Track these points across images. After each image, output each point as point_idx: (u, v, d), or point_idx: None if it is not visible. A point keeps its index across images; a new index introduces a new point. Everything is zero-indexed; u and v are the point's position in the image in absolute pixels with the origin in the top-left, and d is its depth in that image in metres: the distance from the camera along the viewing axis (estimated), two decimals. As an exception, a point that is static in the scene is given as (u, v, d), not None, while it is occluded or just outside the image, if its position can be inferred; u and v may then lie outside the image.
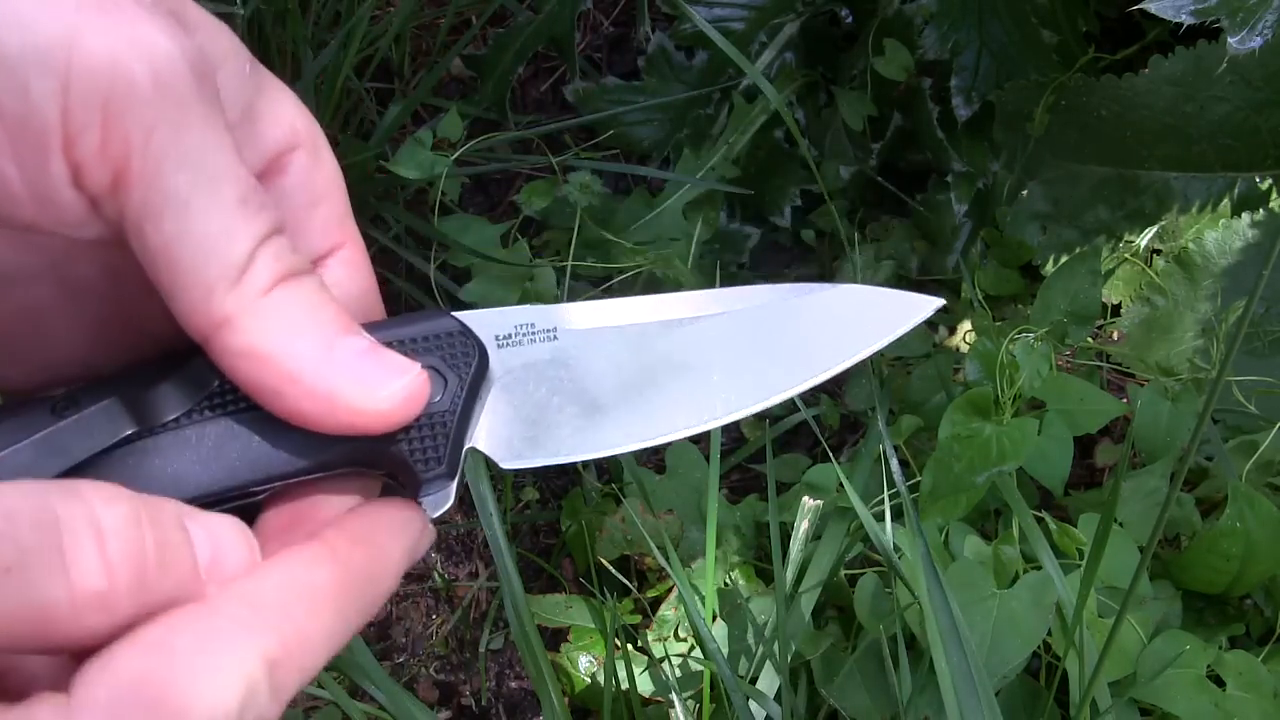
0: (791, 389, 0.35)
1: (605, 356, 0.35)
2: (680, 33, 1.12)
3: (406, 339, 0.32)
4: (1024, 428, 0.83)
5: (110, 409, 0.30)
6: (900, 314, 0.36)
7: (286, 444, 0.30)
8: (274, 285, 0.29)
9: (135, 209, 0.27)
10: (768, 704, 0.77)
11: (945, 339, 1.07)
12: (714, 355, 0.35)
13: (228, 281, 0.28)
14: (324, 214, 0.34)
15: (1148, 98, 0.96)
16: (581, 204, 1.05)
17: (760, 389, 0.35)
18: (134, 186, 0.27)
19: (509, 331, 0.34)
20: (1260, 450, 0.85)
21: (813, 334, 0.36)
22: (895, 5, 1.08)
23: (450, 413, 0.32)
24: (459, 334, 0.33)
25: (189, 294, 0.28)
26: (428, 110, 1.15)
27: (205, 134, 0.28)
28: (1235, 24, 0.74)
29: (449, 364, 0.33)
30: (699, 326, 0.35)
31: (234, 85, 0.30)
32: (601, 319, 0.35)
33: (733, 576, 0.88)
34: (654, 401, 0.34)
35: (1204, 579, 0.83)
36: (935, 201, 1.09)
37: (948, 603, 0.69)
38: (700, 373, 0.35)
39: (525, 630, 0.77)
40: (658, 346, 0.35)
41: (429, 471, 0.32)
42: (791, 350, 0.35)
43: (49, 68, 0.26)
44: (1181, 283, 0.99)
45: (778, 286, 0.36)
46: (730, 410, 0.35)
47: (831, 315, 0.36)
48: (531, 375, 0.34)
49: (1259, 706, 0.77)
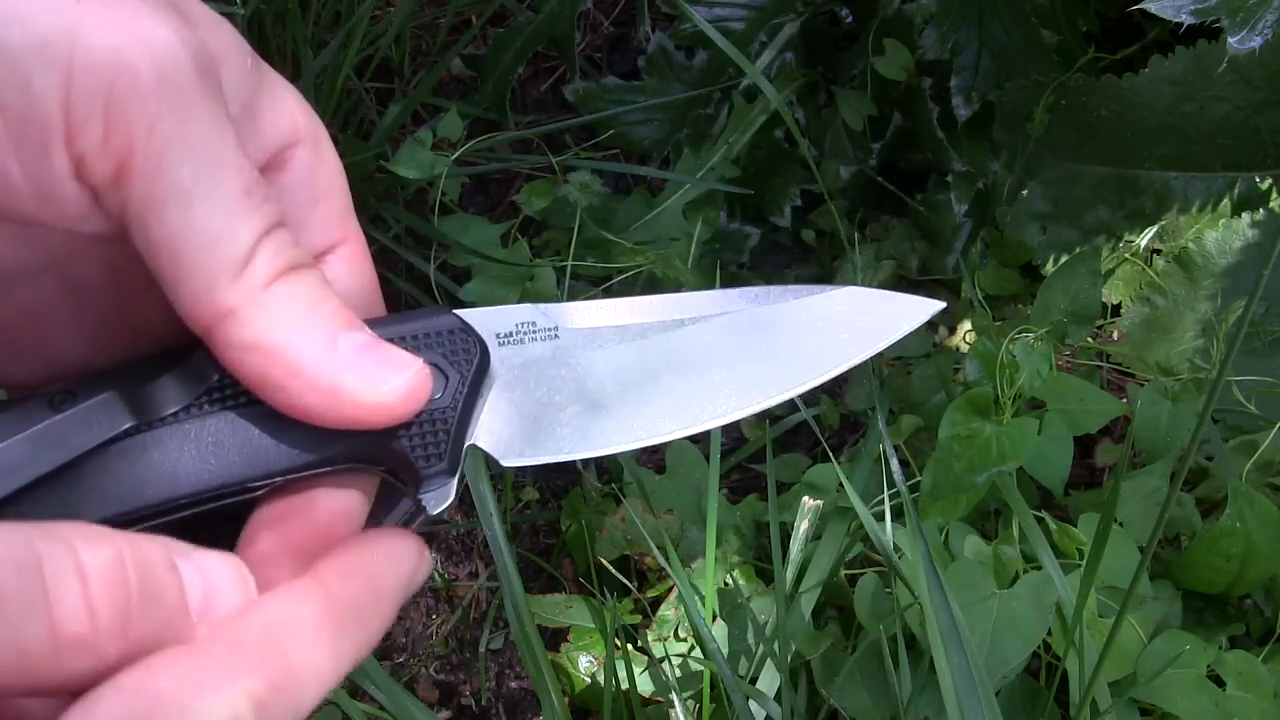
0: (792, 390, 0.35)
1: (606, 355, 0.35)
2: (680, 33, 1.12)
3: (408, 335, 0.32)
4: (1024, 428, 0.83)
5: (108, 403, 0.29)
6: (901, 316, 0.36)
7: (287, 439, 0.30)
8: (276, 278, 0.29)
9: (138, 201, 0.27)
10: (768, 704, 0.77)
11: (945, 339, 1.07)
12: (715, 355, 0.35)
13: (231, 274, 0.28)
14: (325, 210, 0.34)
15: (1148, 98, 0.96)
16: (581, 204, 1.05)
17: (761, 390, 0.35)
18: (137, 179, 0.27)
19: (510, 329, 0.34)
20: (1260, 450, 0.85)
21: (814, 335, 0.36)
22: (895, 5, 1.08)
23: (451, 409, 0.32)
24: (460, 331, 0.33)
25: (191, 286, 0.28)
26: (428, 110, 1.15)
27: (208, 127, 0.28)
28: (1235, 24, 0.74)
29: (450, 361, 0.33)
30: (700, 327, 0.35)
31: (235, 80, 0.30)
32: (603, 318, 0.35)
33: (733, 576, 0.88)
34: (655, 401, 0.34)
35: (1204, 579, 0.83)
36: (935, 201, 1.09)
37: (948, 603, 0.69)
38: (701, 373, 0.35)
39: (525, 630, 0.77)
40: (659, 346, 0.35)
41: (430, 468, 0.32)
42: (793, 351, 0.35)
43: (51, 61, 0.26)
44: (1181, 283, 0.99)
45: (779, 287, 0.36)
46: (731, 410, 0.35)
47: (833, 317, 0.36)
48: (532, 373, 0.34)
49: (1259, 706, 0.77)
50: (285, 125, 0.32)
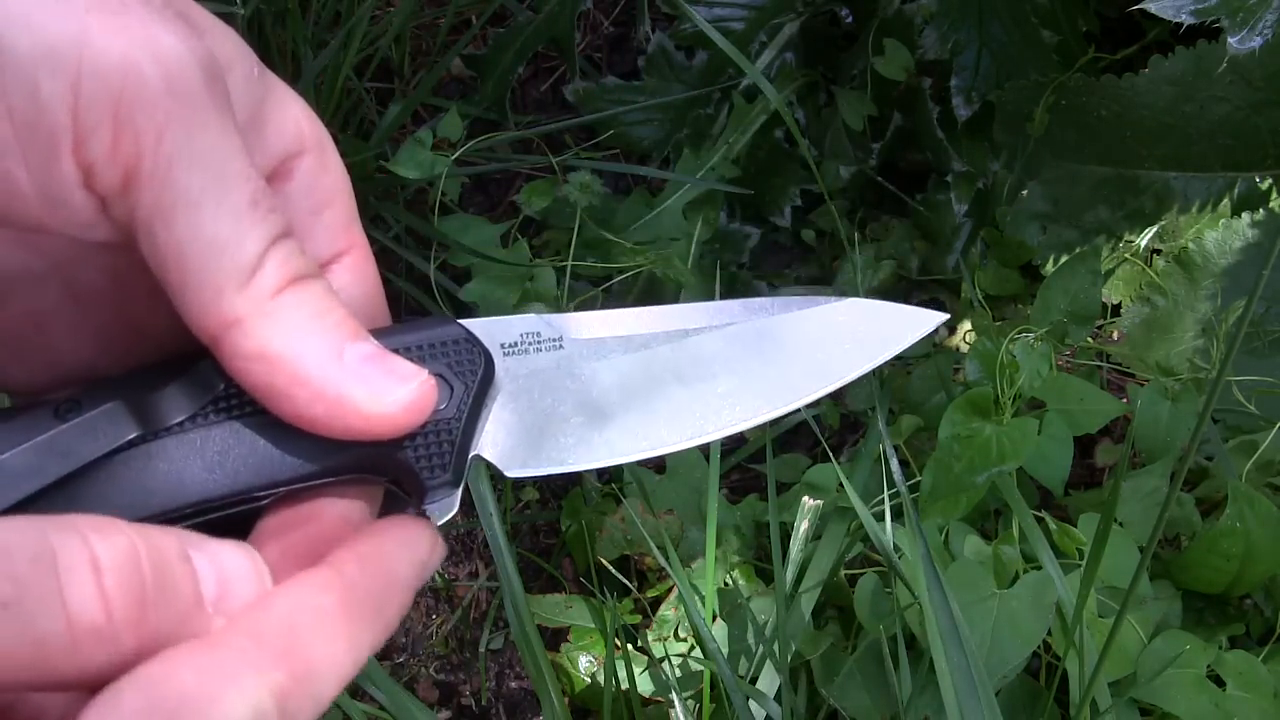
0: (796, 402, 0.35)
1: (611, 366, 0.35)
2: (680, 33, 1.12)
3: (414, 345, 0.32)
4: (1024, 428, 0.83)
5: (114, 412, 0.29)
6: (906, 327, 0.37)
7: (292, 449, 0.30)
8: (283, 288, 0.29)
9: (146, 210, 0.27)
10: (768, 704, 0.77)
11: (945, 339, 1.07)
12: (719, 367, 0.35)
13: (238, 283, 0.28)
14: (330, 218, 0.34)
15: (1148, 98, 0.96)
16: (581, 204, 1.05)
17: (765, 401, 0.35)
18: (145, 187, 0.27)
19: (515, 339, 0.34)
20: (1260, 450, 0.85)
21: (818, 347, 0.36)
22: (895, 5, 1.08)
23: (456, 420, 0.32)
24: (465, 341, 0.33)
25: (199, 295, 0.28)
26: (428, 110, 1.15)
27: (217, 135, 0.28)
28: (1235, 24, 0.74)
29: (455, 371, 0.33)
30: (705, 337, 0.35)
31: (242, 89, 0.30)
32: (607, 328, 0.35)
33: (733, 576, 0.88)
34: (659, 412, 0.34)
35: (1204, 579, 0.83)
36: (935, 201, 1.09)
37: (948, 603, 0.69)
38: (705, 384, 0.35)
39: (525, 630, 0.77)
40: (663, 356, 0.35)
41: (434, 479, 0.32)
42: (797, 363, 0.36)
43: (59, 69, 0.26)
44: (1181, 283, 0.99)
45: (784, 299, 0.36)
46: (735, 422, 0.35)
47: (836, 328, 0.36)
48: (537, 384, 0.34)
49: (1259, 706, 0.77)
50: (291, 133, 0.32)
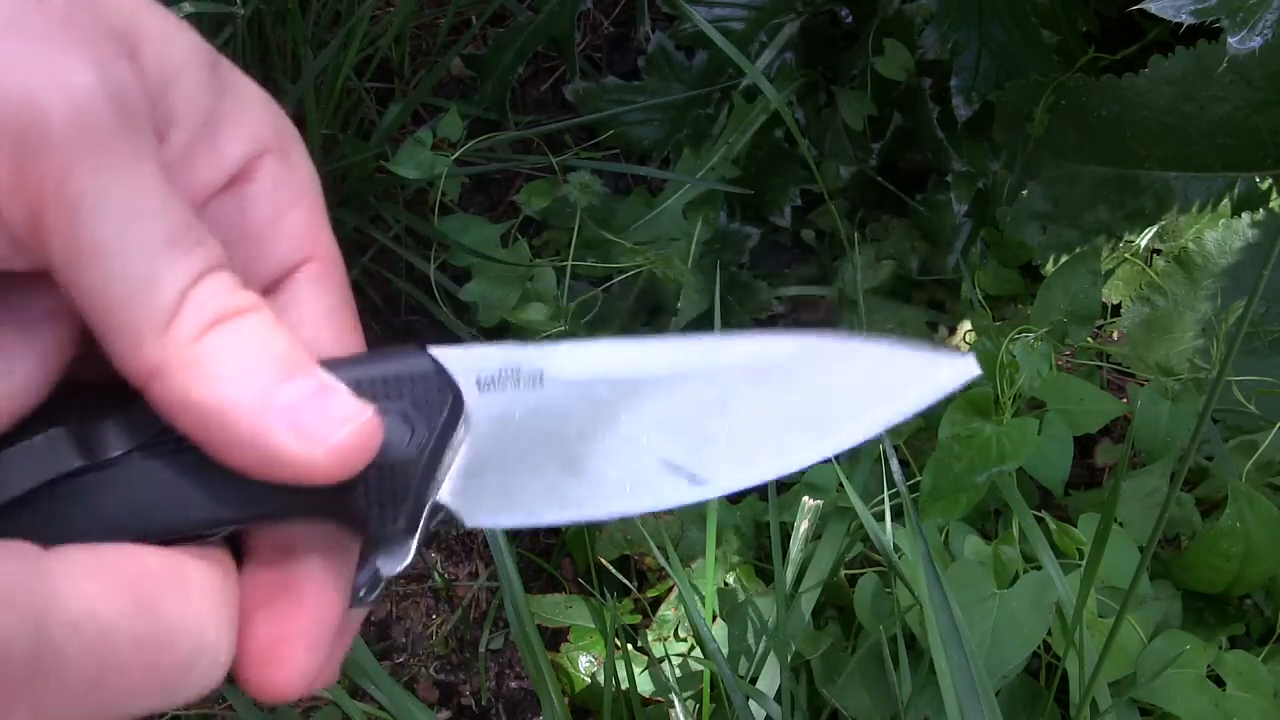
0: (802, 463, 0.31)
1: (594, 411, 0.31)
2: (680, 33, 1.12)
3: (376, 379, 0.29)
4: (1024, 428, 0.83)
5: (54, 440, 0.28)
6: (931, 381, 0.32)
7: (234, 490, 0.28)
8: (207, 329, 0.27)
9: (57, 253, 0.26)
10: (768, 704, 0.77)
11: (945, 339, 1.07)
12: (716, 419, 0.31)
13: (155, 329, 0.26)
14: (293, 223, 0.31)
15: (1148, 98, 0.96)
16: (581, 204, 1.05)
17: (767, 461, 0.31)
18: (53, 231, 0.26)
19: (492, 375, 0.31)
20: (1260, 450, 0.85)
21: (832, 399, 0.31)
22: (895, 5, 1.08)
23: (414, 463, 0.29)
24: (433, 376, 0.30)
25: (117, 342, 0.26)
26: (428, 110, 1.15)
27: (128, 172, 0.26)
28: (1235, 24, 0.74)
29: (419, 409, 0.29)
30: (699, 384, 0.31)
31: (192, 95, 0.29)
32: (594, 365, 0.31)
33: (733, 576, 0.88)
34: (646, 465, 0.30)
35: (1204, 579, 0.83)
36: (935, 201, 1.09)
37: (948, 603, 0.69)
38: (699, 438, 0.31)
39: (525, 630, 0.77)
40: (656, 403, 0.31)
41: (384, 528, 0.29)
42: (808, 417, 0.31)
43: None
44: (1181, 283, 0.99)
45: (791, 335, 0.31)
46: (725, 483, 0.31)
47: (854, 378, 0.31)
48: (511, 426, 0.31)
49: (1259, 706, 0.77)
50: (248, 135, 0.30)
